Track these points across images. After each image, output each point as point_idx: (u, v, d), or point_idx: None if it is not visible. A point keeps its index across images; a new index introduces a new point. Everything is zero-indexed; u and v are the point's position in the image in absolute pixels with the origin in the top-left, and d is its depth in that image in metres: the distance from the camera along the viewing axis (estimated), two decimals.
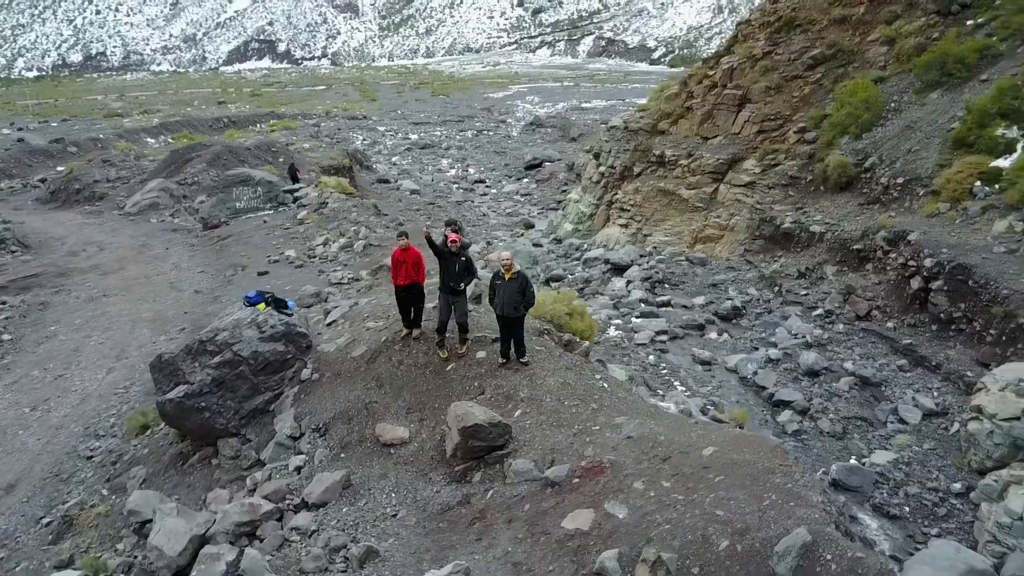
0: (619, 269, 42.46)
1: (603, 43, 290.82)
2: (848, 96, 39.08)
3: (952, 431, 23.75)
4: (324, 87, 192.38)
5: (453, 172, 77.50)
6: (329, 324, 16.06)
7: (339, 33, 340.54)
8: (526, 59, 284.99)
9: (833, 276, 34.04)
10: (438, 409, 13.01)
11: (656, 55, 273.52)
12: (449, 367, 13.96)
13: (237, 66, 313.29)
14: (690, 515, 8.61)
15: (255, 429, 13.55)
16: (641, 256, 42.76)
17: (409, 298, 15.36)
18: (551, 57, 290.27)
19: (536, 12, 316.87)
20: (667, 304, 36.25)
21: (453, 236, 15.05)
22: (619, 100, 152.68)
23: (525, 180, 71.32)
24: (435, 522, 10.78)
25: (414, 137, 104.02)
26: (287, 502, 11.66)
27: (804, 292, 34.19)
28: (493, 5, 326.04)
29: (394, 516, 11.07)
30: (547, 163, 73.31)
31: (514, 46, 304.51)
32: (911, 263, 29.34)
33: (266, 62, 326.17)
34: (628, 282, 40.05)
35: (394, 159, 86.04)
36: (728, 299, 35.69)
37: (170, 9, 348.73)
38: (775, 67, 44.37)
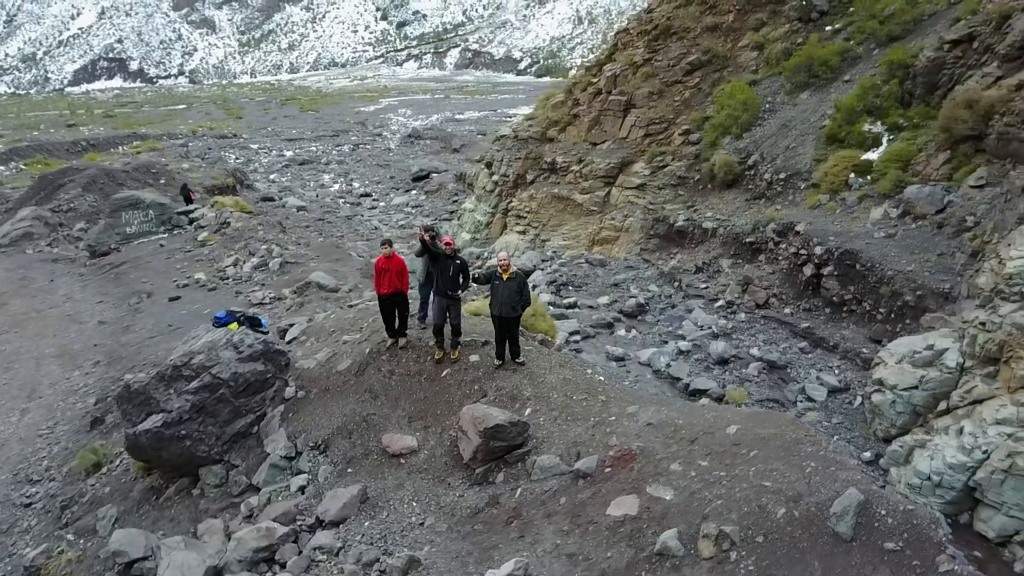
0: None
1: (469, 55, 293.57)
2: (727, 99, 41.35)
3: (856, 405, 25.58)
4: (184, 106, 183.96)
5: (337, 187, 76.17)
6: (289, 341, 15.53)
7: (196, 50, 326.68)
8: (394, 72, 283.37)
9: (729, 269, 35.88)
10: (441, 416, 13.02)
11: (522, 65, 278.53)
12: (444, 373, 13.89)
13: (85, 86, 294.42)
14: (738, 489, 9.04)
15: (240, 453, 12.91)
16: (543, 261, 43.49)
17: (393, 306, 15.21)
18: (419, 70, 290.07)
19: (401, 25, 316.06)
20: (574, 305, 37.06)
21: (448, 239, 15.11)
22: (491, 111, 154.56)
23: (414, 192, 71.03)
24: (468, 525, 10.79)
25: (289, 154, 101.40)
26: (299, 523, 11.20)
27: (704, 286, 35.83)
28: (356, 19, 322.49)
29: (421, 524, 10.96)
30: (434, 174, 73.31)
31: (381, 59, 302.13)
32: (802, 252, 31.40)
33: (117, 81, 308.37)
34: (534, 286, 40.61)
35: (272, 176, 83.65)
36: (632, 297, 36.85)
37: (3, 27, 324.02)
38: (656, 73, 46.36)
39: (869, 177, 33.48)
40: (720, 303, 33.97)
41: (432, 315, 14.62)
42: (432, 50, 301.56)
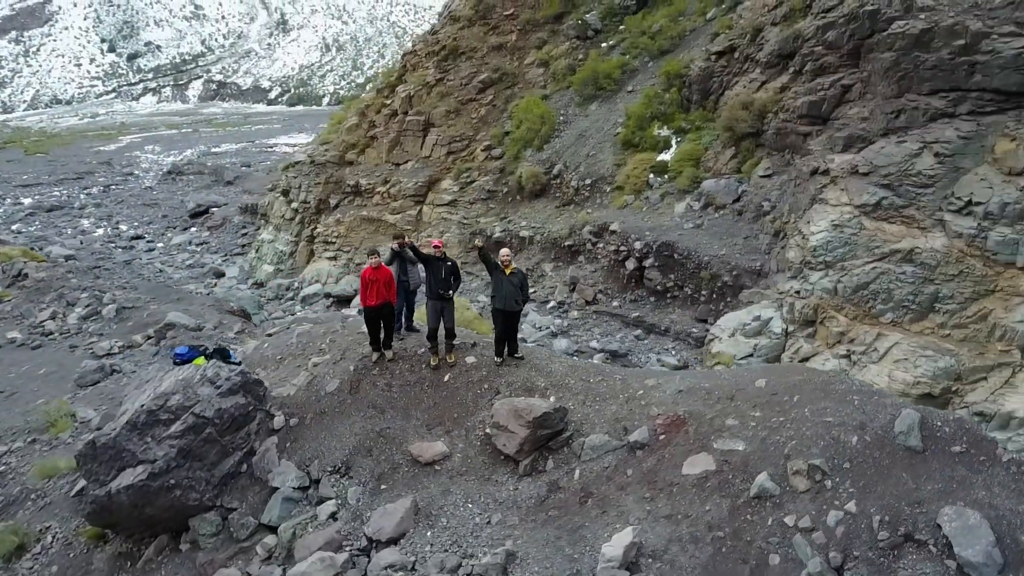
0: (344, 301, 42.20)
1: (214, 86, 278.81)
2: (524, 113, 43.45)
3: None
4: None
5: (102, 231, 69.27)
6: None
7: None
8: (130, 108, 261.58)
9: (552, 272, 37.75)
10: (459, 419, 12.80)
11: (272, 95, 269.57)
12: (447, 377, 13.61)
13: None
14: (805, 428, 9.87)
15: (235, 495, 11.46)
16: None
17: (379, 318, 14.45)
18: (158, 104, 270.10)
19: (132, 57, 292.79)
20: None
21: (437, 242, 14.74)
22: (249, 142, 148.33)
23: (194, 229, 66.47)
24: (541, 514, 10.70)
25: (29, 201, 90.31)
26: (346, 548, 10.26)
27: (532, 290, 37.31)
28: (79, 51, 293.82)
29: (489, 523, 10.78)
30: (214, 208, 69.10)
31: (113, 95, 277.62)
32: (622, 248, 33.89)
33: None
34: (360, 311, 39.91)
35: (15, 227, 74.10)
36: (466, 309, 37.48)
37: None
38: (450, 92, 47.54)
39: (666, 176, 36.90)
40: (552, 304, 35.64)
41: (427, 319, 14.43)
42: (172, 82, 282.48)
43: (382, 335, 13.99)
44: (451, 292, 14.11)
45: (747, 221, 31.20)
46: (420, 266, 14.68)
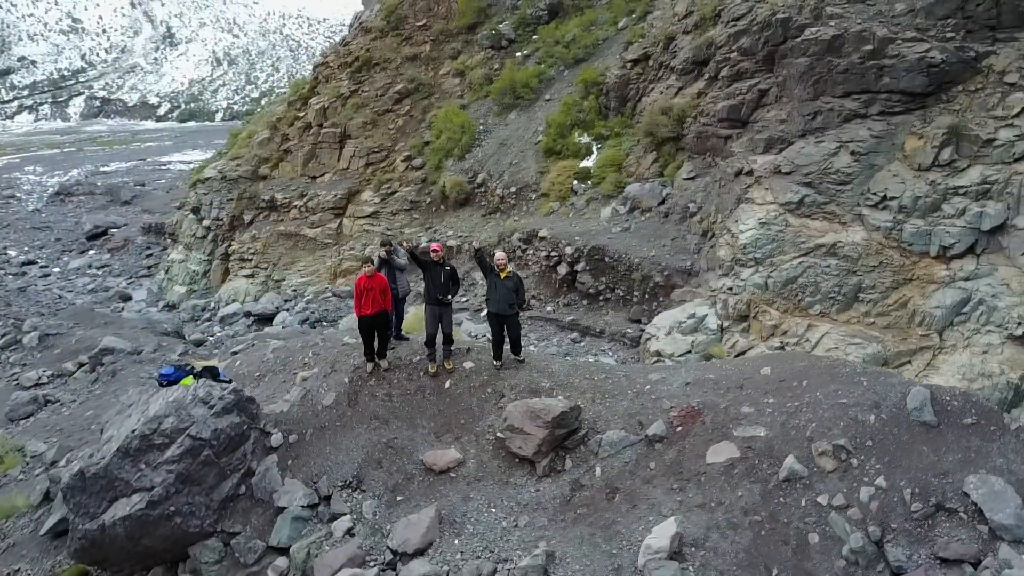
0: (265, 319, 40.97)
1: (97, 103, 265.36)
2: (444, 123, 43.43)
3: None
4: None
5: None
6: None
7: None
8: (4, 127, 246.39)
9: (483, 280, 37.71)
10: (466, 425, 12.55)
11: (161, 111, 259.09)
12: (447, 384, 13.33)
13: None
14: (822, 411, 10.20)
15: (237, 518, 10.71)
16: (286, 301, 41.85)
17: (374, 327, 13.99)
18: (36, 123, 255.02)
19: (4, 73, 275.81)
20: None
21: (435, 246, 14.26)
22: (140, 160, 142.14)
23: (92, 252, 63.06)
24: (569, 513, 10.60)
25: None
26: (372, 564, 9.77)
27: (465, 300, 37.22)
28: None
29: (516, 526, 10.61)
30: (113, 230, 65.78)
31: None
32: (553, 254, 34.26)
33: None
34: (284, 327, 38.90)
35: None
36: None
37: None
38: (366, 103, 47.03)
39: (590, 182, 37.61)
40: (484, 312, 35.58)
41: (424, 325, 14.13)
42: (50, 100, 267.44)
43: (375, 344, 13.73)
44: (450, 297, 14.01)
45: (674, 223, 32.11)
46: (407, 275, 14.57)
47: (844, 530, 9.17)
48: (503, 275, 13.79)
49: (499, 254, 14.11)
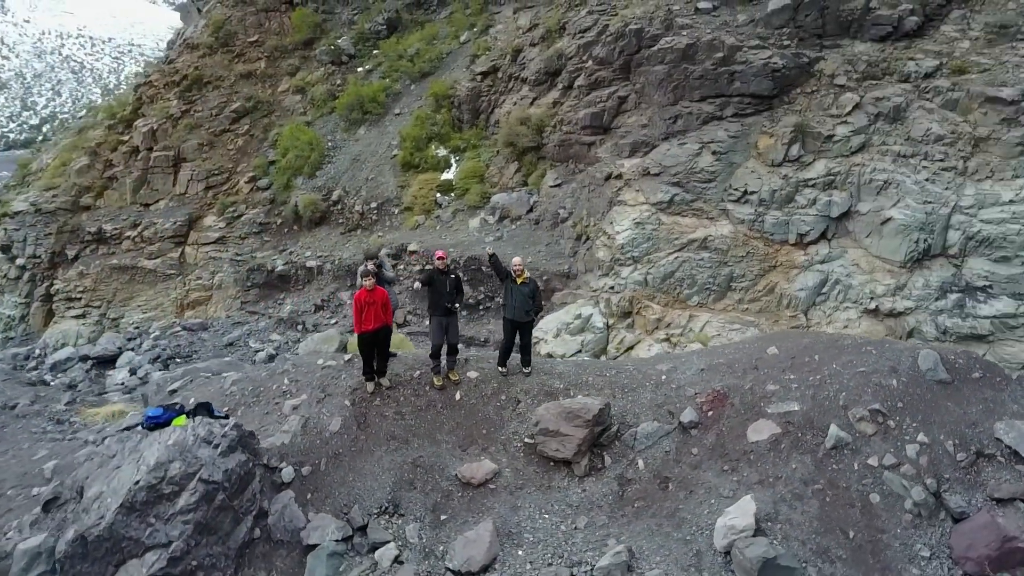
0: (106, 362, 37.33)
1: None
2: (290, 141, 41.76)
3: None
4: None
5: None
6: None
7: None
8: None
9: (349, 300, 36.62)
10: (489, 434, 12.05)
11: None
12: (459, 396, 12.68)
13: None
14: (845, 380, 10.72)
15: (259, 564, 9.13)
16: (129, 340, 38.33)
17: (375, 343, 12.78)
18: None
19: None
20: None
21: (440, 253, 13.51)
22: None
23: None
24: (627, 508, 10.38)
25: None
26: None
27: (333, 321, 35.97)
28: None
29: (576, 528, 10.27)
30: None
31: None
32: (427, 267, 33.92)
33: None
34: (132, 370, 35.69)
35: None
36: (257, 351, 35.17)
37: None
38: (200, 124, 44.29)
39: (453, 194, 37.66)
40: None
41: (430, 336, 13.36)
42: None
43: (375, 363, 12.93)
44: (456, 306, 13.46)
45: (545, 229, 32.86)
46: (395, 287, 13.92)
47: (901, 486, 9.94)
48: (519, 280, 13.53)
49: (516, 259, 13.83)
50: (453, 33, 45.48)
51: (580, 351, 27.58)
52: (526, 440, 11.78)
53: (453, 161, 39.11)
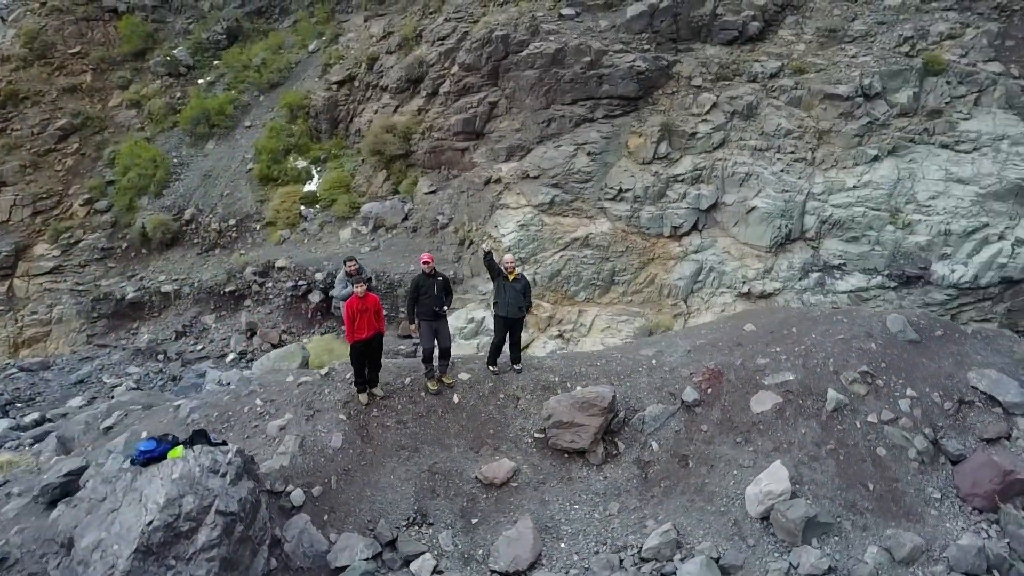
0: None
1: None
2: (130, 159, 38.82)
3: None
4: None
5: None
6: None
7: None
8: None
9: (216, 323, 34.58)
10: (497, 434, 11.91)
11: None
12: (457, 399, 12.38)
13: None
14: (830, 348, 11.50)
15: None
16: None
17: (369, 352, 11.73)
18: None
19: None
20: (46, 420, 30.68)
21: (427, 256, 13.03)
22: None
23: None
24: (654, 488, 10.58)
25: None
26: None
27: (199, 348, 33.77)
28: None
29: (611, 514, 10.37)
30: None
31: None
32: (300, 283, 32.68)
33: None
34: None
35: None
36: (115, 386, 32.41)
37: None
38: (20, 143, 40.16)
39: (319, 206, 36.54)
40: (231, 357, 32.67)
41: (421, 340, 12.66)
42: None
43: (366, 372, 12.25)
44: (445, 308, 13.01)
45: (424, 236, 32.63)
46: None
47: (903, 438, 10.99)
48: (511, 278, 13.47)
49: (508, 257, 13.78)
50: (300, 42, 44.13)
51: (477, 353, 27.62)
52: (535, 435, 11.89)
53: (315, 172, 37.96)
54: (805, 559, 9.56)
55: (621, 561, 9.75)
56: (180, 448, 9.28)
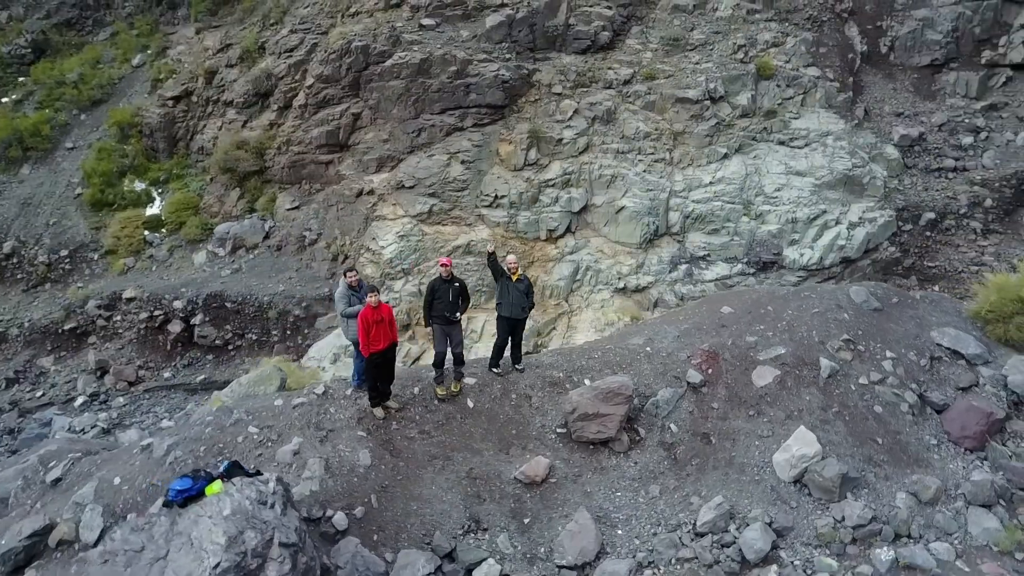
0: None
1: None
2: None
3: None
4: None
5: None
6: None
7: None
8: None
9: (56, 366, 31.17)
10: (520, 434, 11.98)
11: None
12: (470, 403, 12.14)
13: None
14: (809, 321, 12.62)
15: None
16: None
17: (385, 363, 10.56)
18: None
19: None
20: None
21: (445, 260, 12.46)
22: None
23: None
24: (686, 468, 11.16)
25: None
26: None
27: (38, 394, 30.28)
28: None
29: (654, 497, 10.92)
30: None
31: None
32: (156, 313, 30.25)
33: None
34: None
35: None
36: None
37: None
38: None
39: (165, 230, 34.03)
40: (80, 401, 29.56)
41: (433, 344, 11.86)
42: None
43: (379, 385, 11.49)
44: (459, 314, 12.43)
45: (291, 254, 31.32)
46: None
47: (893, 395, 12.20)
48: (515, 278, 13.37)
49: (511, 258, 13.71)
50: (122, 56, 40.83)
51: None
52: (558, 430, 12.02)
53: (156, 194, 35.31)
54: (850, 512, 10.51)
55: (679, 541, 10.11)
56: (218, 483, 8.38)
